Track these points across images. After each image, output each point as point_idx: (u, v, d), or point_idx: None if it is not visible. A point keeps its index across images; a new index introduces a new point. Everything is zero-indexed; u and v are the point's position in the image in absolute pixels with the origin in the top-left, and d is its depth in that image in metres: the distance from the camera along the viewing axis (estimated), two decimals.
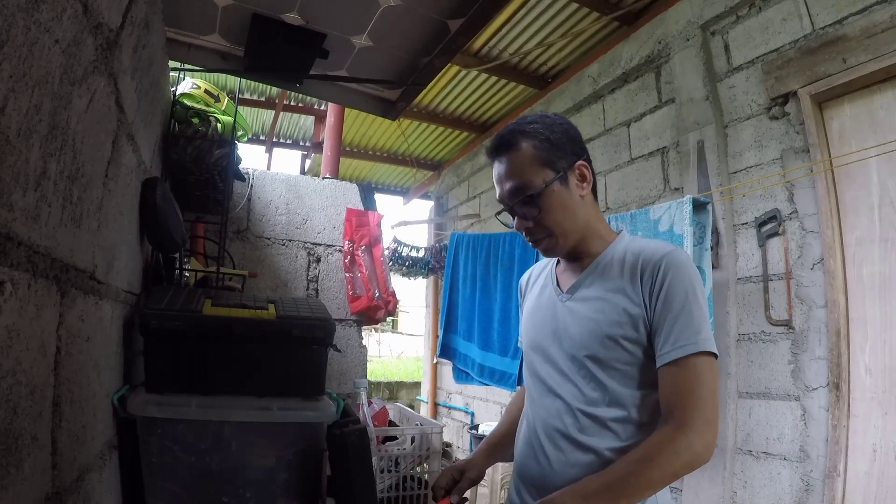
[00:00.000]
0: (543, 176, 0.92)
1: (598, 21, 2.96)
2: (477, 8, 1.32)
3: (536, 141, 0.93)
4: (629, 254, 0.93)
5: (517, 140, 0.94)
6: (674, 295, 0.85)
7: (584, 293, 0.96)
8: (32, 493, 0.49)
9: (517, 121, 0.98)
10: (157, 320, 0.90)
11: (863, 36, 1.79)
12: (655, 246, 0.92)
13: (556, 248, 0.96)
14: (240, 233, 2.11)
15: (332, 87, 1.78)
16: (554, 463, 0.91)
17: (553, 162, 0.93)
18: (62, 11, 0.49)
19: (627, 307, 0.89)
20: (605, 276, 0.94)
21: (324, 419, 0.99)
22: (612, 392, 0.88)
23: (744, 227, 2.22)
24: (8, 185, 0.41)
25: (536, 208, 0.92)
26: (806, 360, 1.96)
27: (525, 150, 0.93)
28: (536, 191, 0.92)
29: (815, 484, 1.87)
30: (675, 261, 0.87)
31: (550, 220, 0.93)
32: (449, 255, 3.65)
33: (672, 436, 0.80)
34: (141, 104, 0.96)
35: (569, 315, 0.96)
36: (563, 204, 0.93)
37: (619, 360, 0.88)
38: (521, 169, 0.93)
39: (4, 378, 0.42)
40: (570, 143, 0.96)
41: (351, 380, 2.11)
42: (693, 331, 0.83)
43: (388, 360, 12.77)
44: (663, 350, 0.85)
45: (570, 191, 0.94)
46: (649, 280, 0.88)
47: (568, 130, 0.97)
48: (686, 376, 0.82)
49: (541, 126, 0.94)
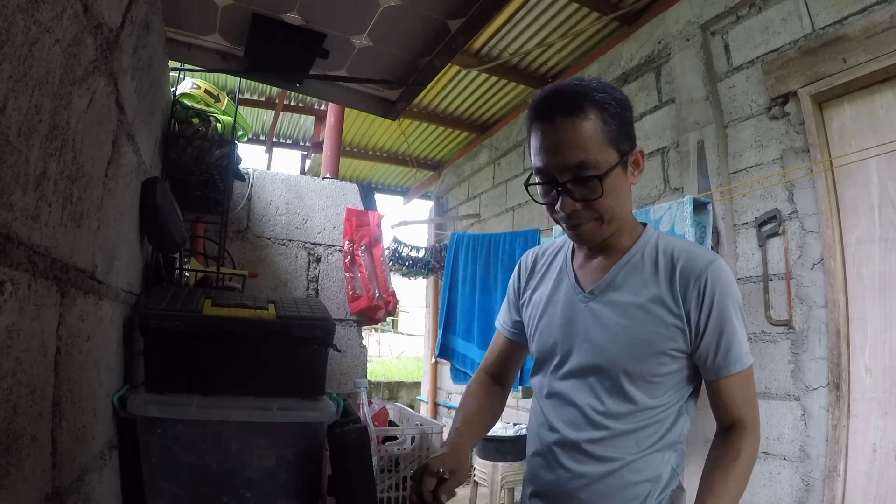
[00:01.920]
0: (608, 156, 0.81)
1: (598, 21, 2.96)
2: (477, 8, 1.32)
3: (607, 115, 0.80)
4: (662, 254, 0.87)
5: (584, 106, 0.80)
6: (726, 310, 0.82)
7: (612, 296, 0.87)
8: (32, 493, 0.49)
9: (578, 81, 0.83)
10: (157, 320, 0.90)
11: (863, 36, 1.78)
12: (695, 252, 0.86)
13: (597, 235, 0.86)
14: (240, 233, 2.11)
15: (332, 87, 1.78)
16: (570, 475, 0.87)
17: (620, 143, 0.82)
18: (62, 11, 0.49)
19: (666, 318, 0.83)
20: (635, 278, 0.87)
21: (324, 419, 0.99)
22: (638, 404, 0.84)
23: (744, 227, 2.22)
24: (8, 185, 0.41)
25: (596, 190, 0.80)
26: (806, 360, 1.96)
27: (594, 121, 0.80)
28: (602, 171, 0.80)
29: (815, 484, 1.87)
30: (720, 272, 0.83)
31: (605, 206, 0.82)
32: (449, 255, 3.65)
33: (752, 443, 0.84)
34: (141, 104, 0.96)
35: (593, 319, 0.88)
36: (619, 190, 0.84)
37: (650, 372, 0.84)
38: (587, 142, 0.79)
39: (4, 378, 0.42)
40: (632, 126, 0.86)
41: (351, 380, 2.11)
42: (745, 344, 0.85)
43: (388, 360, 12.77)
44: (718, 363, 0.83)
45: (627, 178, 0.85)
46: (694, 291, 0.82)
47: (632, 110, 0.86)
48: (745, 387, 0.85)
49: (610, 98, 0.81)
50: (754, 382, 0.87)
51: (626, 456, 0.84)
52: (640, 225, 0.93)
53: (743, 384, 0.84)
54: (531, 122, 0.85)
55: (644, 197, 2.76)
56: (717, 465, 0.82)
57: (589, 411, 0.87)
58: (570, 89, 0.82)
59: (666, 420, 0.86)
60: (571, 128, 0.79)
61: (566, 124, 0.80)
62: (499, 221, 4.28)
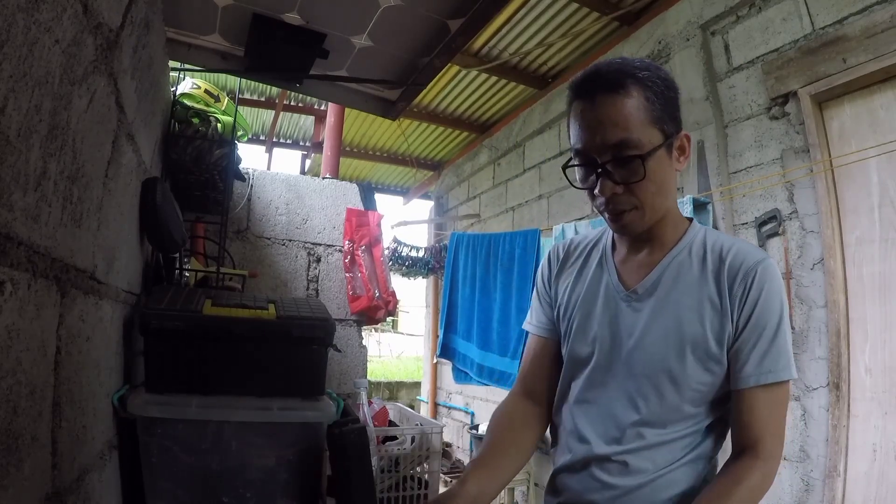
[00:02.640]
0: (651, 136, 0.75)
1: (598, 21, 2.96)
2: (477, 8, 1.32)
3: (651, 93, 0.76)
4: (710, 251, 0.81)
5: (627, 84, 0.75)
6: (769, 312, 0.75)
7: (658, 296, 0.81)
8: (32, 493, 0.49)
9: (622, 60, 0.79)
10: (157, 320, 0.90)
11: (863, 36, 1.79)
12: (745, 249, 0.80)
13: (639, 224, 0.80)
14: (240, 233, 2.11)
15: (332, 87, 1.78)
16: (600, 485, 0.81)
17: (664, 123, 0.77)
18: (62, 11, 0.49)
19: (713, 318, 0.77)
20: (683, 276, 0.81)
21: (324, 419, 0.98)
22: (679, 413, 0.79)
23: (744, 226, 2.22)
24: (8, 185, 0.41)
25: (639, 172, 0.74)
26: (806, 360, 1.95)
27: (637, 99, 0.75)
28: (644, 151, 0.74)
29: (815, 484, 1.87)
30: (770, 272, 0.77)
31: (645, 191, 0.76)
32: (449, 255, 3.65)
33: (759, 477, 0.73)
34: (141, 104, 0.96)
35: (637, 320, 0.82)
36: (663, 175, 0.77)
37: (697, 379, 0.77)
38: (629, 120, 0.74)
39: (4, 378, 0.42)
40: (678, 108, 0.81)
41: (351, 380, 2.11)
42: (785, 355, 0.75)
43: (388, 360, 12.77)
44: (747, 371, 0.75)
45: (671, 162, 0.79)
46: (740, 289, 0.76)
47: (678, 92, 0.81)
48: (774, 403, 0.76)
49: (654, 76, 0.77)
50: (786, 408, 0.77)
51: (661, 468, 0.79)
52: (686, 219, 0.87)
53: (771, 402, 0.75)
54: (570, 102, 0.80)
55: None
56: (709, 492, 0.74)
57: (625, 420, 0.81)
58: (612, 66, 0.77)
59: (702, 432, 0.80)
60: (612, 105, 0.75)
61: (606, 101, 0.75)
62: (499, 221, 4.28)
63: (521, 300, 3.03)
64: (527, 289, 2.99)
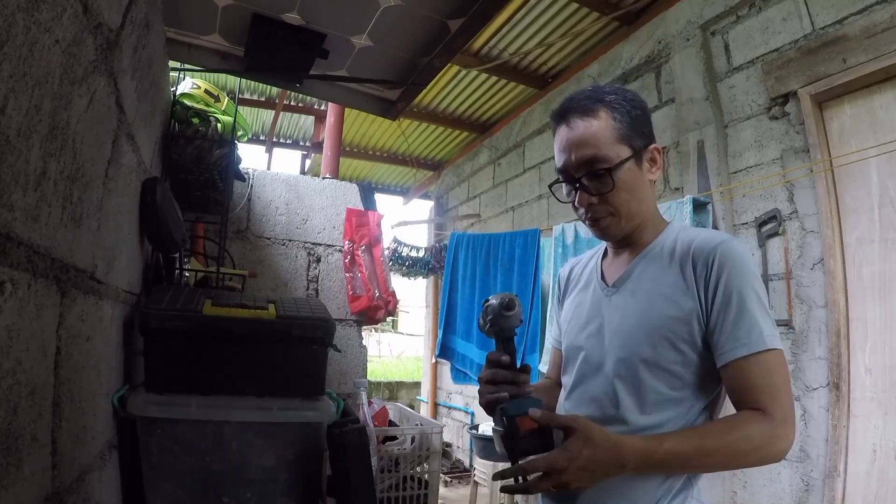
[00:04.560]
0: (619, 151, 0.86)
1: (598, 21, 2.96)
2: (477, 8, 1.32)
3: (617, 113, 0.87)
4: (680, 243, 0.88)
5: (595, 108, 0.87)
6: (736, 286, 0.80)
7: (631, 286, 0.90)
8: (32, 493, 0.49)
9: (593, 88, 0.91)
10: (157, 320, 0.90)
11: (863, 36, 1.78)
12: (708, 235, 0.87)
13: (616, 229, 0.90)
14: (240, 233, 2.11)
15: (332, 87, 1.78)
16: None
17: (631, 139, 0.88)
18: (62, 11, 0.49)
19: (680, 300, 0.83)
20: (654, 267, 0.89)
21: (324, 419, 0.99)
22: (660, 395, 0.82)
23: (744, 227, 2.22)
24: (8, 185, 0.41)
25: (608, 183, 0.86)
26: (806, 360, 1.96)
27: (604, 120, 0.87)
28: (612, 164, 0.85)
29: (815, 484, 1.87)
30: (730, 251, 0.82)
31: (619, 199, 0.87)
32: (449, 255, 3.65)
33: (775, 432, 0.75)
34: (141, 104, 0.96)
35: (615, 311, 0.90)
36: (634, 185, 0.88)
37: (668, 359, 0.83)
38: (598, 139, 0.86)
39: (4, 378, 0.42)
40: (647, 124, 0.92)
41: (351, 380, 2.11)
42: (756, 327, 0.78)
43: (388, 360, 12.77)
44: (723, 347, 0.79)
45: (642, 173, 0.90)
46: (703, 271, 0.82)
47: (646, 109, 0.92)
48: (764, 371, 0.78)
49: (621, 99, 0.89)
50: (785, 373, 0.79)
51: None
52: (666, 222, 0.95)
53: (763, 370, 0.77)
54: (553, 129, 0.93)
55: None
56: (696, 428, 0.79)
57: (607, 406, 0.86)
58: (584, 94, 0.90)
59: (682, 418, 0.82)
60: (583, 127, 0.87)
61: (579, 125, 0.88)
62: (499, 221, 4.28)
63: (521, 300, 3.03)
64: (527, 289, 2.99)
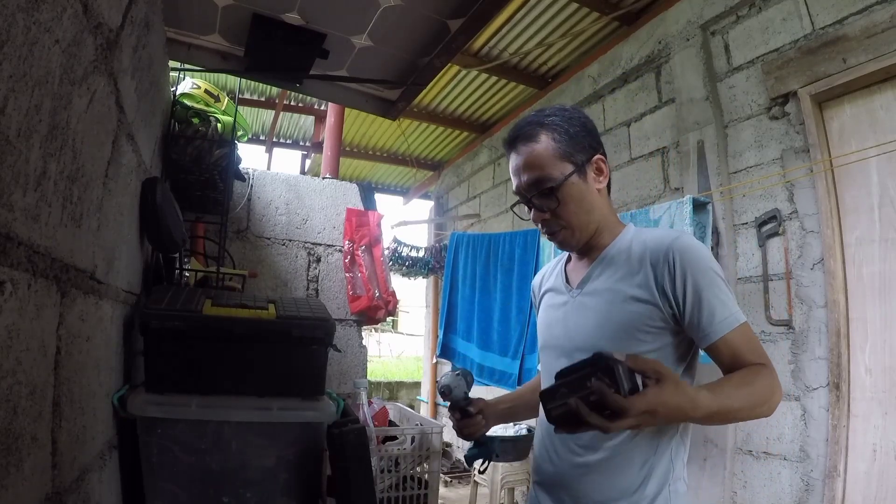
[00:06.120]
0: (562, 169, 0.93)
1: (598, 21, 2.96)
2: (477, 8, 1.32)
3: (556, 134, 0.93)
4: (636, 243, 0.94)
5: (536, 132, 0.94)
6: (699, 277, 0.86)
7: (592, 286, 0.96)
8: (32, 493, 0.49)
9: (535, 113, 0.98)
10: (157, 320, 0.90)
11: (863, 36, 1.78)
12: (661, 234, 0.93)
13: (572, 240, 0.97)
14: (240, 233, 2.11)
15: (332, 87, 1.78)
16: (566, 464, 0.93)
17: (572, 155, 0.93)
18: (62, 11, 0.49)
19: (640, 296, 0.89)
20: (612, 268, 0.94)
21: (324, 419, 0.99)
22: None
23: (744, 227, 2.22)
24: (8, 185, 0.41)
25: (555, 200, 0.93)
26: (806, 360, 1.95)
27: (544, 143, 0.93)
28: (555, 183, 0.92)
29: (815, 484, 1.87)
30: (685, 244, 0.88)
31: (568, 213, 0.94)
32: (449, 255, 3.65)
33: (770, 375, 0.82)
34: (141, 104, 0.96)
35: (579, 310, 0.97)
36: (581, 197, 0.94)
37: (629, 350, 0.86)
38: (540, 161, 0.93)
39: (4, 378, 0.42)
40: (588, 137, 0.96)
41: (351, 380, 2.11)
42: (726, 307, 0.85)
43: (388, 360, 12.77)
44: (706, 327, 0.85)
45: (588, 184, 0.95)
46: (664, 267, 0.88)
47: (586, 124, 0.97)
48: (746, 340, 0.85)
49: (560, 119, 0.95)
50: (755, 336, 0.87)
51: (618, 443, 0.88)
52: (623, 225, 1.01)
53: (742, 338, 0.85)
54: (507, 155, 1.01)
55: (644, 197, 2.77)
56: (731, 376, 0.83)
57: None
58: (525, 121, 0.97)
59: None
60: (527, 152, 0.94)
61: (523, 150, 0.95)
62: (499, 221, 4.28)
63: (521, 300, 3.03)
64: (527, 289, 2.99)
